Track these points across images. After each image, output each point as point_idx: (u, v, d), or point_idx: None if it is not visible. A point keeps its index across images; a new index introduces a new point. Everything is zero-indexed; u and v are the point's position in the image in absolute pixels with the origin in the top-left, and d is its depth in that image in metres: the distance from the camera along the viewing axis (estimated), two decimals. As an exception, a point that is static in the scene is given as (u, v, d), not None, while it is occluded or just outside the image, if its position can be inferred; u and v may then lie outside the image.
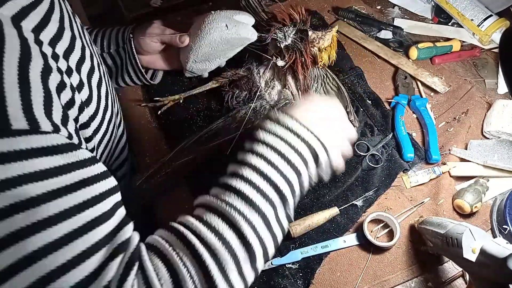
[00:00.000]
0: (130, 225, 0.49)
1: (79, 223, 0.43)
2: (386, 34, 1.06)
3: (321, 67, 0.86)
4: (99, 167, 0.49)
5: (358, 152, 0.83)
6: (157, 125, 0.90)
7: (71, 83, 0.52)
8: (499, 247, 0.59)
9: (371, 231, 0.78)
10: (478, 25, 1.03)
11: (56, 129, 0.44)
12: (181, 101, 0.90)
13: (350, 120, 0.78)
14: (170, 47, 0.87)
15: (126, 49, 0.85)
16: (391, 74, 1.00)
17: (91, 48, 0.65)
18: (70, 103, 0.51)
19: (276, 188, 0.52)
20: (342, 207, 0.78)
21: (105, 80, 0.69)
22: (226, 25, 0.77)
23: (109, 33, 0.86)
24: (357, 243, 0.76)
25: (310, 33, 0.82)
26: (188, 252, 0.47)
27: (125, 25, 0.86)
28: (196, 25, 0.81)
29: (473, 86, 0.97)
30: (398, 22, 1.10)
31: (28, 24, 0.47)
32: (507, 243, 0.60)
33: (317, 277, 0.73)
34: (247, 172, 0.52)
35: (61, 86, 0.48)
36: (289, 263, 0.73)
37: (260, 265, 0.51)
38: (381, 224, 0.78)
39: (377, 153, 0.84)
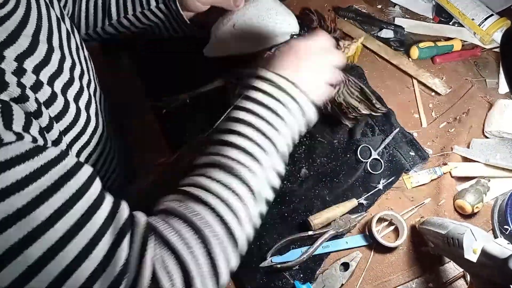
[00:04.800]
0: (124, 205, 0.49)
1: (73, 219, 0.43)
2: (387, 33, 1.06)
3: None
4: (71, 160, 0.48)
5: (360, 158, 0.83)
6: (159, 125, 0.90)
7: (36, 97, 0.51)
8: (500, 248, 0.59)
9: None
10: (479, 25, 1.03)
11: (19, 137, 0.44)
12: (187, 101, 0.88)
13: (377, 108, 0.81)
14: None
15: (169, 6, 0.82)
16: (392, 73, 0.99)
17: (75, 57, 0.66)
18: (36, 113, 0.51)
19: (268, 138, 0.56)
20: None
21: (89, 89, 0.69)
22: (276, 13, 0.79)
23: None
24: (359, 245, 0.76)
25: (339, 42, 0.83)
26: (203, 207, 0.49)
27: None
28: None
29: (473, 85, 0.97)
30: (398, 21, 1.10)
31: None
32: (508, 243, 0.60)
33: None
34: (242, 128, 0.56)
35: (21, 99, 0.48)
36: (289, 262, 0.73)
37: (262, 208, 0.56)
38: (385, 223, 0.78)
39: (379, 157, 0.84)
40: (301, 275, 0.73)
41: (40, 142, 0.48)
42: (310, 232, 0.75)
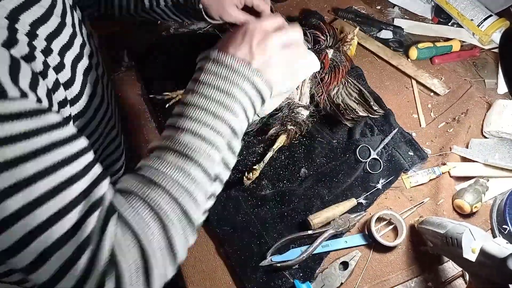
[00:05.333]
0: (106, 181, 0.52)
1: (54, 182, 0.45)
2: (386, 34, 1.06)
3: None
4: (69, 130, 0.50)
5: (359, 158, 0.84)
6: (157, 124, 0.90)
7: (45, 60, 0.53)
8: (499, 247, 0.59)
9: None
10: (478, 25, 1.03)
11: (23, 95, 0.45)
12: None
13: (375, 110, 0.81)
14: None
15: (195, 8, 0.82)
16: (391, 74, 1.00)
17: (85, 39, 0.68)
18: (42, 74, 0.52)
19: (227, 122, 0.56)
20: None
21: (97, 70, 0.70)
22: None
23: None
24: (358, 244, 0.76)
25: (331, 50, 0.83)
26: (161, 191, 0.51)
27: None
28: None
29: (472, 86, 0.97)
30: (398, 22, 1.10)
31: (9, 3, 0.49)
32: (507, 243, 0.61)
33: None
34: (198, 114, 0.56)
35: (29, 57, 0.49)
36: (289, 261, 0.73)
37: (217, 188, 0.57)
38: (384, 223, 0.78)
39: (378, 157, 0.84)
40: (301, 274, 0.73)
41: (45, 103, 0.50)
42: (310, 232, 0.75)
